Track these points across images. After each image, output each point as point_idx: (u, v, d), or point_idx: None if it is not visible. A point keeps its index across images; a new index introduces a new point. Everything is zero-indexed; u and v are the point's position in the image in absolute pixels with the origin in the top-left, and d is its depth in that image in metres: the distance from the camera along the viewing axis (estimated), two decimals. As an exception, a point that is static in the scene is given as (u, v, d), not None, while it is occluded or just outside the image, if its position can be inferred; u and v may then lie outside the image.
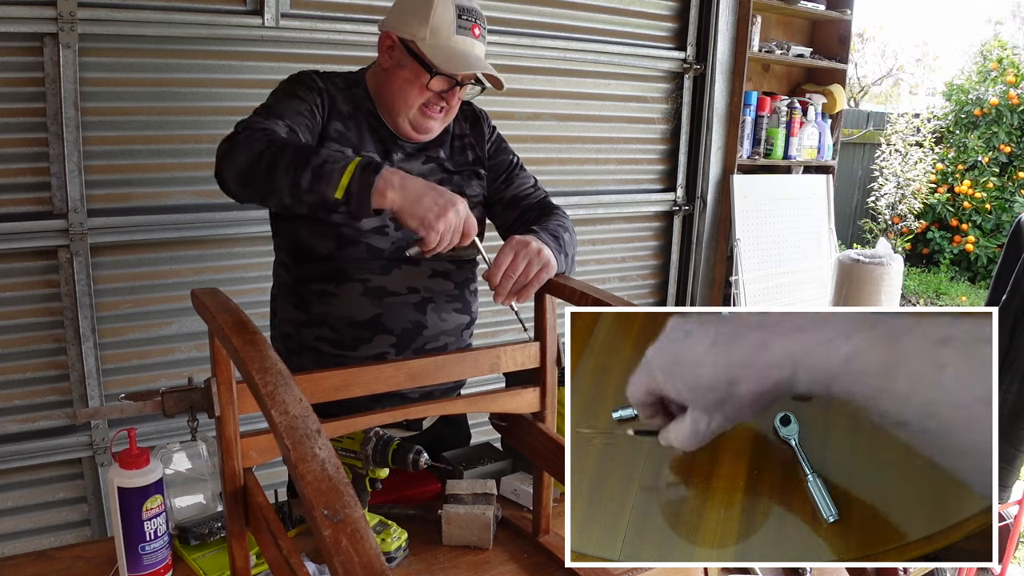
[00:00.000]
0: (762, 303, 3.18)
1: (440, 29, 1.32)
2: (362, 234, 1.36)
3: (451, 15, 1.32)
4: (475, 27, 1.35)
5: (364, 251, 1.37)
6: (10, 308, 1.96)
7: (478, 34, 1.36)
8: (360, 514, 0.57)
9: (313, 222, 1.36)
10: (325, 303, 1.39)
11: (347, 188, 1.11)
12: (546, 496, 1.22)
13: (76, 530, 2.13)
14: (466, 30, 1.34)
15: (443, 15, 1.32)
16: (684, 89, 3.03)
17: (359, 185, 1.11)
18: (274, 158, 1.15)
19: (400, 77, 1.36)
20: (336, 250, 1.36)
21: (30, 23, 1.82)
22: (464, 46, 1.34)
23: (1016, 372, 2.41)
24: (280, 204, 1.18)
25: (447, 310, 1.45)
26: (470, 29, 1.35)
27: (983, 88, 7.74)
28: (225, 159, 1.21)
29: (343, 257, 1.36)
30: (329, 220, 1.33)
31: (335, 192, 1.11)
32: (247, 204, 1.30)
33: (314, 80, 1.39)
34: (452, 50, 1.33)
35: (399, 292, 1.40)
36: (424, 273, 1.42)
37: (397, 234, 1.38)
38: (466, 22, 1.34)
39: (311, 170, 1.12)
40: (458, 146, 1.50)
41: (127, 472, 1.04)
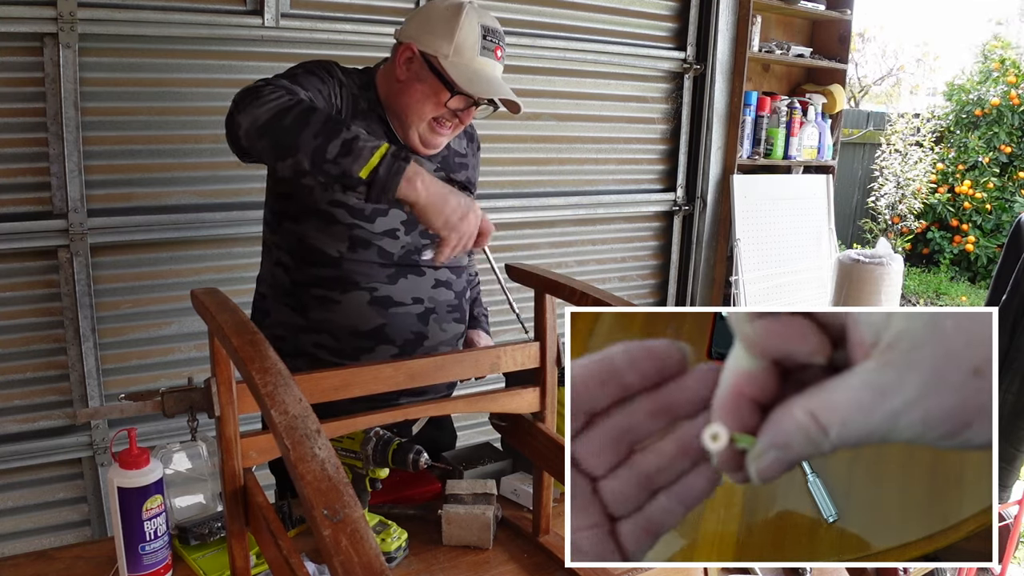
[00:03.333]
0: (762, 303, 3.18)
1: (464, 48, 1.31)
2: (375, 236, 1.35)
3: (476, 35, 1.31)
4: (498, 49, 1.35)
5: (375, 255, 1.35)
6: (10, 308, 1.96)
7: (500, 56, 1.36)
8: (360, 514, 0.57)
9: (325, 222, 1.33)
10: (327, 310, 1.37)
11: (374, 169, 1.09)
12: (546, 496, 1.22)
13: (76, 530, 2.13)
14: (490, 52, 1.33)
15: (469, 34, 1.31)
16: (684, 89, 3.03)
17: (387, 170, 1.10)
18: (304, 117, 1.12)
19: (417, 91, 1.34)
20: (348, 252, 1.34)
21: (30, 23, 1.82)
22: (487, 68, 1.33)
23: (1016, 372, 2.41)
24: (293, 167, 1.12)
25: (447, 320, 1.45)
26: (493, 51, 1.34)
27: (984, 88, 7.74)
28: (243, 105, 1.15)
29: (353, 260, 1.35)
30: (342, 221, 1.32)
31: (361, 171, 1.09)
32: (247, 163, 1.26)
33: (335, 71, 1.36)
34: (475, 71, 1.32)
35: (404, 302, 1.39)
36: (428, 283, 1.41)
37: (407, 239, 1.38)
38: (490, 43, 1.33)
39: (341, 141, 1.10)
40: (458, 163, 1.50)
41: (127, 472, 1.04)
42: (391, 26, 2.27)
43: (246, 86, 1.20)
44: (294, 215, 1.37)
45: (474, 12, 1.33)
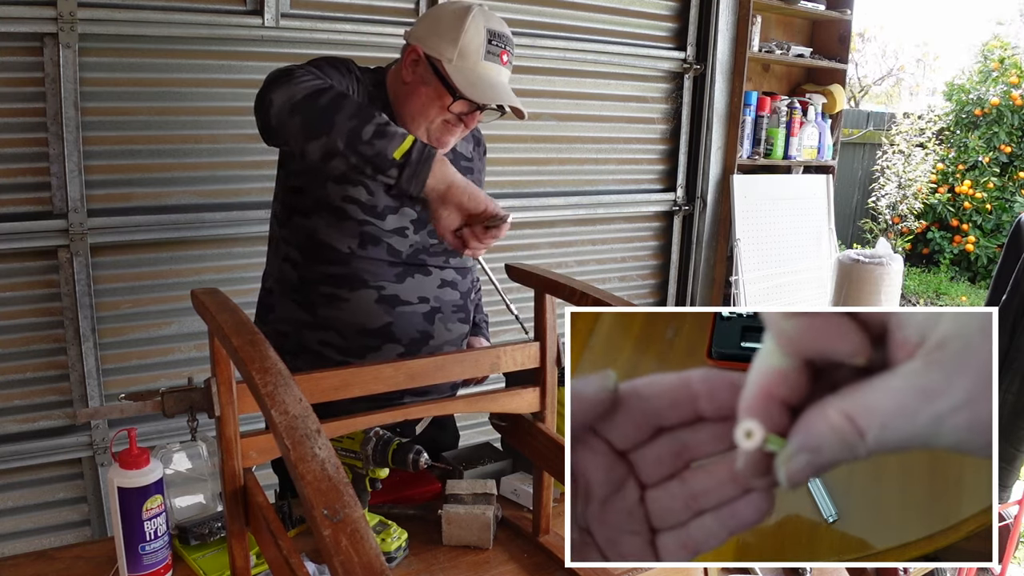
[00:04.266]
0: (762, 303, 3.18)
1: (469, 52, 1.30)
2: (385, 234, 1.35)
3: (481, 39, 1.30)
4: (504, 53, 1.34)
5: (385, 252, 1.36)
6: (10, 308, 1.96)
7: (506, 61, 1.35)
8: (360, 514, 0.57)
9: (337, 218, 1.33)
10: (335, 308, 1.37)
11: (408, 152, 1.12)
12: (546, 496, 1.22)
13: (76, 530, 2.13)
14: (495, 56, 1.32)
15: (474, 38, 1.30)
16: (684, 89, 3.03)
17: (420, 154, 1.13)
18: (339, 100, 1.15)
19: (422, 94, 1.34)
20: (358, 248, 1.34)
21: (30, 23, 1.82)
22: (490, 72, 1.32)
23: (1016, 372, 2.41)
24: (325, 146, 1.14)
25: (452, 320, 1.45)
26: (499, 56, 1.33)
27: (984, 88, 7.74)
28: (277, 85, 1.18)
29: (363, 258, 1.35)
30: (354, 217, 1.33)
31: (395, 152, 1.12)
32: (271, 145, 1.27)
33: (353, 67, 1.37)
34: (478, 76, 1.31)
35: (411, 301, 1.39)
36: (435, 283, 1.41)
37: (416, 237, 1.38)
38: (496, 48, 1.32)
39: (376, 125, 1.13)
40: (464, 166, 1.49)
41: (127, 472, 1.04)
42: (391, 26, 2.27)
43: (277, 68, 1.22)
44: (305, 210, 1.36)
45: (481, 15, 1.32)
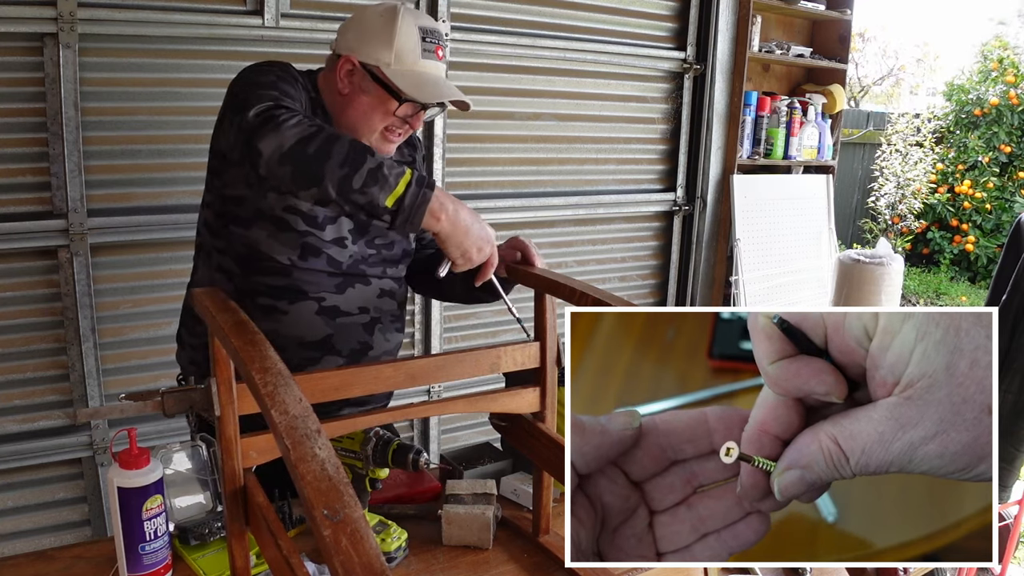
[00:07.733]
0: (762, 303, 3.18)
1: (405, 54, 1.28)
2: (325, 244, 1.32)
3: (415, 39, 1.28)
4: (438, 48, 1.31)
5: (325, 263, 1.32)
6: (10, 308, 1.96)
7: (442, 56, 1.32)
8: (360, 514, 0.57)
9: (278, 228, 1.29)
10: (273, 320, 1.32)
11: (399, 198, 1.10)
12: (546, 496, 1.22)
13: (76, 530, 2.13)
14: (431, 53, 1.30)
15: (407, 39, 1.27)
16: (684, 89, 3.03)
17: (413, 199, 1.10)
18: (327, 147, 1.10)
19: (363, 103, 1.31)
20: (299, 260, 1.30)
21: (30, 23, 1.82)
22: (430, 70, 1.30)
23: (1016, 372, 2.41)
24: (318, 196, 1.11)
25: (391, 330, 1.43)
26: (434, 52, 1.30)
27: (983, 88, 7.74)
28: (266, 131, 1.11)
29: (303, 269, 1.31)
30: (295, 228, 1.29)
31: (387, 200, 1.09)
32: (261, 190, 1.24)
33: (298, 77, 1.32)
34: (420, 76, 1.29)
35: (351, 312, 1.36)
36: (374, 293, 1.39)
37: (355, 248, 1.35)
38: (431, 44, 1.30)
39: (367, 170, 1.09)
40: None
41: (127, 472, 1.04)
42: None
43: (256, 111, 1.14)
44: (244, 220, 1.31)
45: (409, 15, 1.30)
